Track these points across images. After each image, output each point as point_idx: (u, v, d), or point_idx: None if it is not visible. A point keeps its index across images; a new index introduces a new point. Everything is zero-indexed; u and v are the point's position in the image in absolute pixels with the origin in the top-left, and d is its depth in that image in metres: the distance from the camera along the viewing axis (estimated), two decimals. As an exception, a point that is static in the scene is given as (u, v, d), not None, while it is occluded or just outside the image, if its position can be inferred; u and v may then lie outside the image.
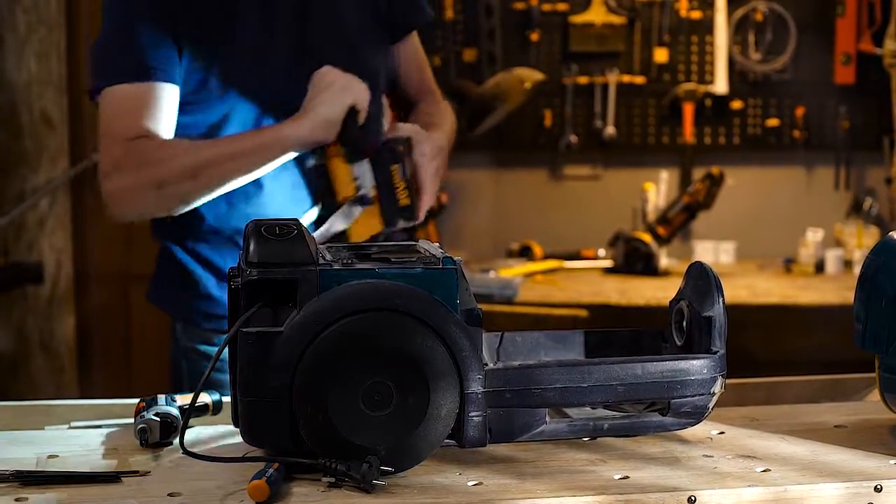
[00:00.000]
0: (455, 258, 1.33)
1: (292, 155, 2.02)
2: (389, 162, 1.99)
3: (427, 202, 2.09)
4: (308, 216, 2.06)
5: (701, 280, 1.44)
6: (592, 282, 4.27)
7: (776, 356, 3.81)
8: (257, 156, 2.00)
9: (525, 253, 4.61)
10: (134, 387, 4.34)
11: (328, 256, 1.34)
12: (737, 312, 3.71)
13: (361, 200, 1.94)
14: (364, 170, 1.97)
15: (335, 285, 1.27)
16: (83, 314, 4.56)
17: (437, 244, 1.43)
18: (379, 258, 1.34)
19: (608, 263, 4.51)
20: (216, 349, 1.79)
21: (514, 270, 4.32)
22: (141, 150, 2.03)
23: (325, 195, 1.98)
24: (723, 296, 1.42)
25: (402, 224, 2.02)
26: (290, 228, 1.31)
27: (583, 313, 3.69)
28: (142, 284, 4.48)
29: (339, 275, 1.28)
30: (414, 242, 1.47)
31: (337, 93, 1.99)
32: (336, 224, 1.93)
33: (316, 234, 1.89)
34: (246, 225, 1.34)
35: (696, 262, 1.47)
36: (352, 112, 1.99)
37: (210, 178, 2.01)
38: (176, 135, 2.08)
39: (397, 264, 1.31)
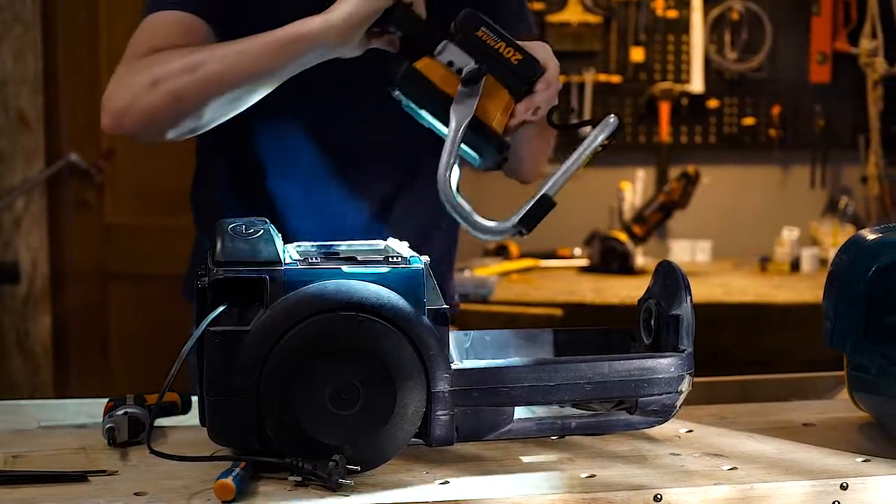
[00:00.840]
0: (421, 257, 1.33)
1: (312, 60, 1.80)
2: (472, 30, 1.68)
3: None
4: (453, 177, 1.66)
5: (669, 279, 1.45)
6: (568, 281, 4.27)
7: (751, 354, 3.82)
8: (267, 53, 1.78)
9: (501, 252, 4.61)
10: (110, 386, 4.32)
11: (295, 255, 1.35)
12: (712, 311, 3.79)
13: (469, 80, 1.64)
14: (453, 51, 1.68)
15: (302, 284, 1.27)
16: (59, 314, 4.54)
17: (407, 242, 1.43)
18: (346, 258, 1.34)
19: (584, 262, 4.52)
20: None
21: (489, 269, 4.33)
22: (147, 60, 1.86)
23: (429, 99, 1.67)
24: (690, 294, 1.43)
25: (530, 84, 1.71)
26: (257, 228, 1.31)
27: (557, 312, 3.69)
28: (119, 283, 4.53)
29: (305, 274, 1.28)
30: (384, 242, 1.47)
31: None
32: (458, 115, 1.62)
33: (449, 135, 1.61)
34: (215, 224, 1.34)
35: (665, 260, 1.47)
36: (399, 4, 1.74)
37: (209, 74, 1.80)
38: None
39: (364, 264, 1.31)
